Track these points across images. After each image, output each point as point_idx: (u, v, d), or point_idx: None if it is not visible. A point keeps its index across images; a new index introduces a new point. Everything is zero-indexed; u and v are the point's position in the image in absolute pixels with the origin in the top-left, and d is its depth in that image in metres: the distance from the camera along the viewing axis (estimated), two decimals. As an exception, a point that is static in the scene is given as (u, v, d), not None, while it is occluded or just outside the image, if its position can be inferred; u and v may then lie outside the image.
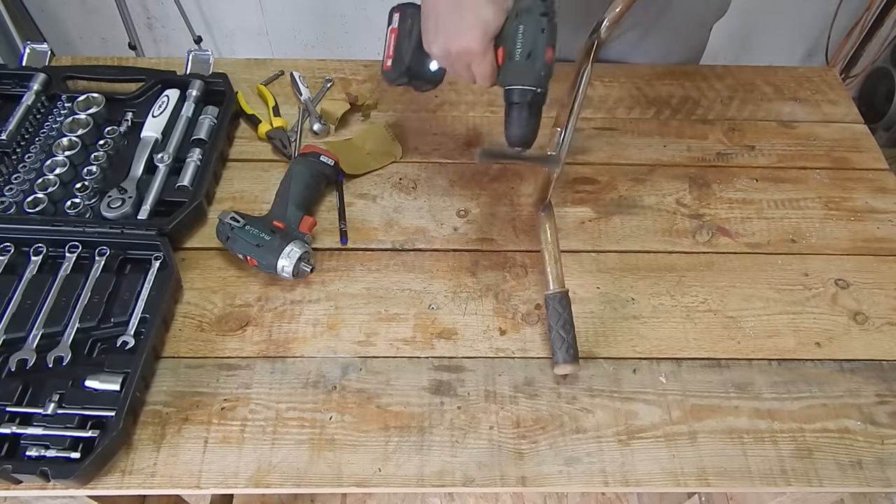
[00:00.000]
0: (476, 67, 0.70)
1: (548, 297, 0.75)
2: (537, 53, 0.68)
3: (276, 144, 0.94)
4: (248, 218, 0.80)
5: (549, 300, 0.74)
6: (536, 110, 0.71)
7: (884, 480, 0.67)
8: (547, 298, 0.75)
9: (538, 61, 0.68)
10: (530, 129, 0.72)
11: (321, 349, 0.75)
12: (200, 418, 0.69)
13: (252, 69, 1.06)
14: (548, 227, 0.77)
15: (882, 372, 0.75)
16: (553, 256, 0.75)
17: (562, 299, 0.74)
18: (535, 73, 0.69)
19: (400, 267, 0.83)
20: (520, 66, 0.69)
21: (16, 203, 0.82)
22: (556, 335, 0.72)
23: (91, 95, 0.93)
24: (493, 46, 0.69)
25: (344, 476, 0.66)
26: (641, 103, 1.03)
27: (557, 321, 0.73)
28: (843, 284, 0.83)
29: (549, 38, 0.68)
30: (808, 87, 1.07)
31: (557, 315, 0.73)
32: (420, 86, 0.82)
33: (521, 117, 0.71)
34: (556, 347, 0.72)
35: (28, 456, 0.64)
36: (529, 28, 0.68)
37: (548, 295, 0.75)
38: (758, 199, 0.91)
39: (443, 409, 0.71)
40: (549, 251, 0.76)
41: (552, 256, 0.75)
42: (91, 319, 0.73)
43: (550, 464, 0.68)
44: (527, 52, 0.68)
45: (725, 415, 0.71)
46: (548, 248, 0.76)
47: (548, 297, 0.75)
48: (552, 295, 0.74)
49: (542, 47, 0.68)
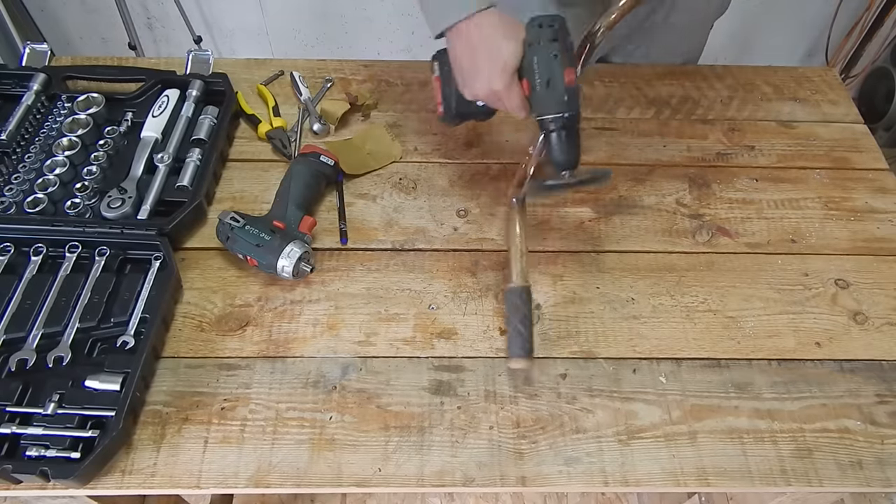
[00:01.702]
0: (507, 102, 0.72)
1: (509, 290, 0.75)
2: (556, 80, 0.69)
3: (276, 144, 0.94)
4: (248, 218, 0.80)
5: (510, 294, 0.75)
6: (571, 132, 0.72)
7: (884, 480, 0.67)
8: (508, 292, 0.75)
9: (558, 88, 0.69)
10: (571, 151, 0.73)
11: (321, 349, 0.75)
12: (200, 418, 0.69)
13: (252, 69, 1.06)
14: (517, 222, 0.78)
15: (882, 372, 0.75)
16: (520, 250, 0.76)
17: (522, 293, 0.74)
18: (558, 99, 0.70)
19: (400, 267, 0.83)
20: (542, 96, 0.70)
21: (16, 203, 0.82)
22: (514, 329, 0.73)
23: (91, 95, 0.93)
24: (516, 80, 0.71)
25: (344, 476, 0.66)
26: (641, 103, 1.03)
27: (516, 315, 0.73)
28: (843, 284, 0.83)
29: (564, 61, 0.69)
30: (808, 87, 1.07)
31: (516, 309, 0.74)
32: (478, 119, 0.84)
33: (560, 142, 0.72)
34: (512, 342, 0.73)
35: (28, 456, 0.64)
36: (542, 57, 0.69)
37: (510, 288, 0.75)
38: (758, 199, 0.91)
39: (443, 409, 0.71)
40: (515, 245, 0.77)
41: (518, 250, 0.76)
42: (91, 319, 0.73)
43: (550, 464, 0.68)
44: (546, 81, 0.70)
45: (725, 415, 0.71)
46: (515, 242, 0.77)
47: (509, 291, 0.75)
48: (514, 289, 0.75)
49: (560, 73, 0.69)
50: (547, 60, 0.69)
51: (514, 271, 0.76)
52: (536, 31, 0.70)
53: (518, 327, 0.73)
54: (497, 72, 0.70)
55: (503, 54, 0.69)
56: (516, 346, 0.72)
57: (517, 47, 0.70)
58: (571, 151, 0.73)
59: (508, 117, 0.99)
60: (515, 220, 0.77)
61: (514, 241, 0.77)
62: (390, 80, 1.05)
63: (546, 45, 0.69)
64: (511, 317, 0.74)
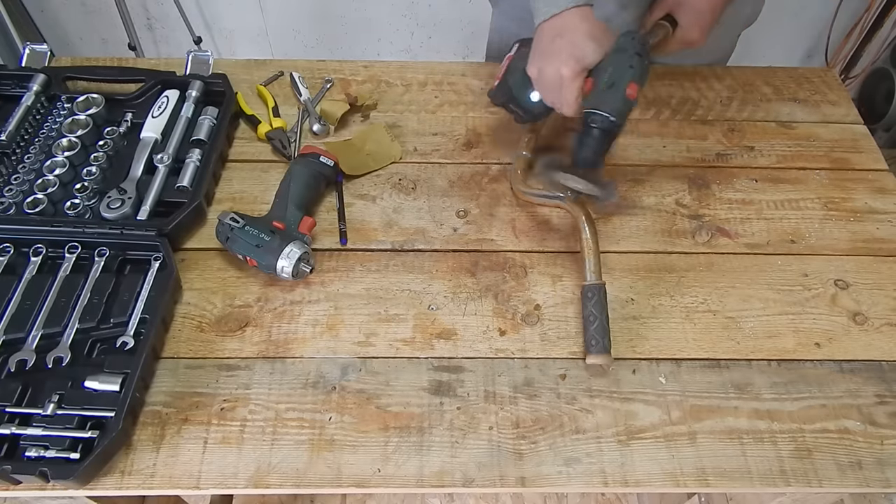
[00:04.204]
0: (564, 91, 0.75)
1: (585, 287, 0.76)
2: (620, 85, 0.73)
3: (275, 145, 0.94)
4: (248, 218, 0.80)
5: (585, 291, 0.76)
6: (606, 137, 0.75)
7: (883, 481, 0.67)
8: (584, 289, 0.76)
9: (619, 92, 0.73)
10: (597, 154, 0.76)
11: (321, 350, 0.75)
12: (200, 419, 0.69)
13: (252, 70, 1.06)
14: (585, 220, 0.79)
15: (881, 372, 0.75)
16: (591, 249, 0.78)
17: (598, 290, 0.76)
18: (613, 101, 0.73)
19: (399, 267, 0.83)
20: (600, 94, 0.74)
21: (15, 203, 0.82)
22: (590, 325, 0.74)
23: (91, 96, 0.93)
24: (583, 76, 0.75)
25: (343, 476, 0.66)
26: (641, 104, 1.03)
27: (592, 311, 0.75)
28: (843, 285, 0.83)
29: (635, 75, 0.73)
30: (808, 88, 1.07)
31: (592, 305, 0.75)
32: (518, 114, 0.87)
33: (593, 141, 0.75)
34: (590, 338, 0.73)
35: (28, 456, 0.64)
36: (619, 63, 0.73)
37: (585, 286, 0.76)
38: (757, 200, 0.91)
39: (442, 409, 0.71)
40: (588, 244, 0.78)
41: (590, 249, 0.78)
42: (91, 320, 0.73)
43: (550, 464, 0.68)
44: (610, 83, 0.73)
45: (725, 415, 0.71)
46: (586, 240, 0.78)
47: (585, 288, 0.76)
48: (589, 286, 0.76)
49: (626, 81, 0.73)
50: (622, 67, 0.73)
51: (587, 269, 0.76)
52: (628, 41, 0.74)
53: (595, 324, 0.73)
54: (573, 60, 0.74)
55: (585, 50, 0.74)
56: (594, 342, 0.73)
57: (598, 50, 0.74)
58: (597, 154, 0.76)
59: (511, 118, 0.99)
60: (583, 220, 0.79)
61: (585, 240, 0.78)
62: (390, 81, 1.05)
63: (629, 56, 0.73)
64: (585, 313, 0.75)
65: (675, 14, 0.91)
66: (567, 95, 0.76)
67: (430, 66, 1.08)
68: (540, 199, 0.86)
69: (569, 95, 0.75)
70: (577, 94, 0.75)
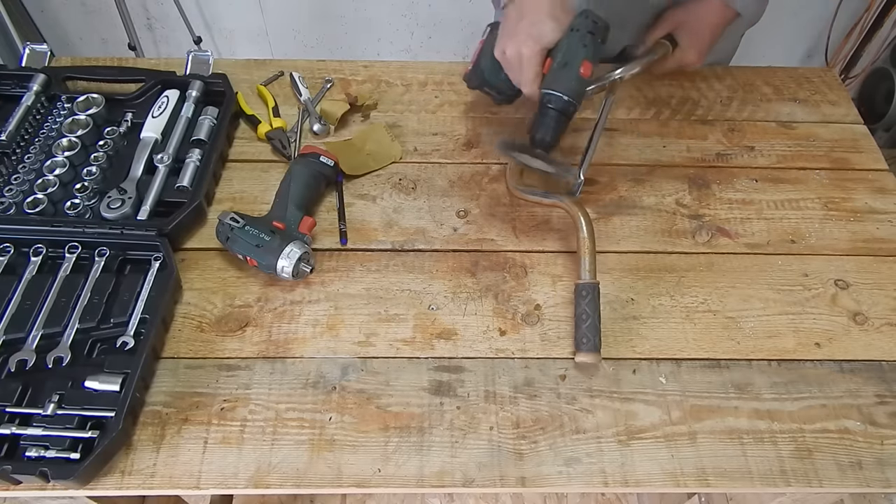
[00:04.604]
0: (525, 69, 0.76)
1: (578, 286, 0.76)
2: (573, 64, 0.74)
3: (275, 145, 0.94)
4: (248, 218, 0.80)
5: (579, 289, 0.76)
6: (560, 117, 0.76)
7: (883, 481, 0.67)
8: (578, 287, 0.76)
9: (572, 71, 0.74)
10: (553, 134, 0.77)
11: (321, 350, 0.75)
12: (200, 419, 0.69)
13: (252, 70, 1.06)
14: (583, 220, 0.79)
15: (882, 372, 0.75)
16: (587, 248, 0.77)
17: (591, 289, 0.76)
18: (567, 81, 0.74)
19: (400, 267, 0.83)
20: (556, 73, 0.75)
21: (15, 203, 0.82)
22: (581, 323, 0.74)
23: (91, 96, 0.93)
24: (543, 56, 0.76)
25: (343, 476, 0.66)
26: (641, 104, 1.03)
27: (585, 310, 0.74)
28: (843, 285, 0.83)
29: (588, 53, 0.74)
30: (808, 88, 1.07)
31: (585, 304, 0.75)
32: (493, 95, 0.90)
33: (548, 120, 0.77)
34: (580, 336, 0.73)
35: (28, 456, 0.64)
36: (573, 42, 0.75)
37: (579, 284, 0.76)
38: (757, 200, 0.91)
39: (442, 409, 0.71)
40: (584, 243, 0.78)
41: (586, 248, 0.77)
42: (91, 320, 0.73)
43: (550, 464, 0.68)
44: (564, 62, 0.74)
45: (725, 415, 0.71)
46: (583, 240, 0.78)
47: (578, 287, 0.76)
48: (583, 285, 0.76)
49: (579, 60, 0.74)
50: (575, 46, 0.74)
51: (582, 268, 0.76)
52: (582, 20, 0.75)
53: (587, 322, 0.73)
54: (531, 40, 0.75)
55: (544, 29, 0.75)
56: (585, 341, 0.73)
57: (557, 29, 0.75)
58: (553, 134, 0.77)
59: (511, 118, 1.00)
60: (580, 219, 0.79)
61: (581, 238, 0.78)
62: (390, 81, 1.05)
63: (581, 35, 0.74)
64: (578, 311, 0.75)
65: (676, 34, 0.93)
66: (526, 72, 0.76)
67: (431, 66, 1.08)
68: (535, 198, 0.86)
69: (528, 74, 0.76)
70: (535, 74, 0.76)
